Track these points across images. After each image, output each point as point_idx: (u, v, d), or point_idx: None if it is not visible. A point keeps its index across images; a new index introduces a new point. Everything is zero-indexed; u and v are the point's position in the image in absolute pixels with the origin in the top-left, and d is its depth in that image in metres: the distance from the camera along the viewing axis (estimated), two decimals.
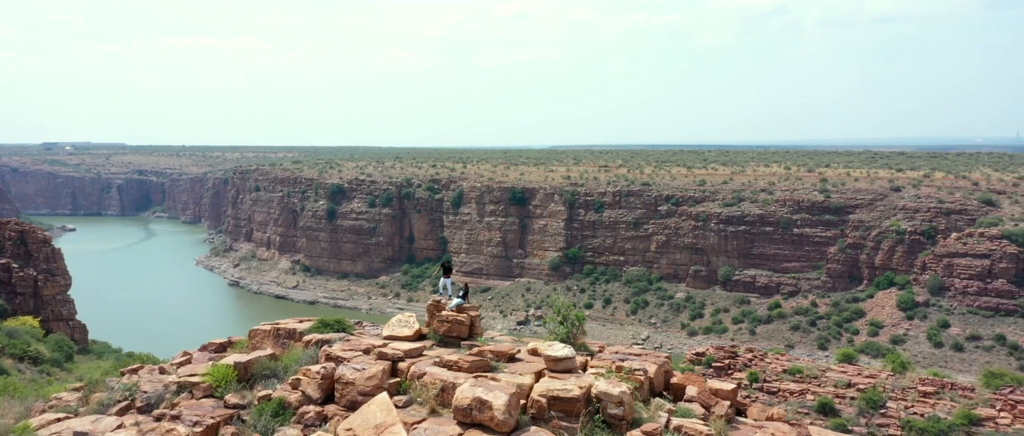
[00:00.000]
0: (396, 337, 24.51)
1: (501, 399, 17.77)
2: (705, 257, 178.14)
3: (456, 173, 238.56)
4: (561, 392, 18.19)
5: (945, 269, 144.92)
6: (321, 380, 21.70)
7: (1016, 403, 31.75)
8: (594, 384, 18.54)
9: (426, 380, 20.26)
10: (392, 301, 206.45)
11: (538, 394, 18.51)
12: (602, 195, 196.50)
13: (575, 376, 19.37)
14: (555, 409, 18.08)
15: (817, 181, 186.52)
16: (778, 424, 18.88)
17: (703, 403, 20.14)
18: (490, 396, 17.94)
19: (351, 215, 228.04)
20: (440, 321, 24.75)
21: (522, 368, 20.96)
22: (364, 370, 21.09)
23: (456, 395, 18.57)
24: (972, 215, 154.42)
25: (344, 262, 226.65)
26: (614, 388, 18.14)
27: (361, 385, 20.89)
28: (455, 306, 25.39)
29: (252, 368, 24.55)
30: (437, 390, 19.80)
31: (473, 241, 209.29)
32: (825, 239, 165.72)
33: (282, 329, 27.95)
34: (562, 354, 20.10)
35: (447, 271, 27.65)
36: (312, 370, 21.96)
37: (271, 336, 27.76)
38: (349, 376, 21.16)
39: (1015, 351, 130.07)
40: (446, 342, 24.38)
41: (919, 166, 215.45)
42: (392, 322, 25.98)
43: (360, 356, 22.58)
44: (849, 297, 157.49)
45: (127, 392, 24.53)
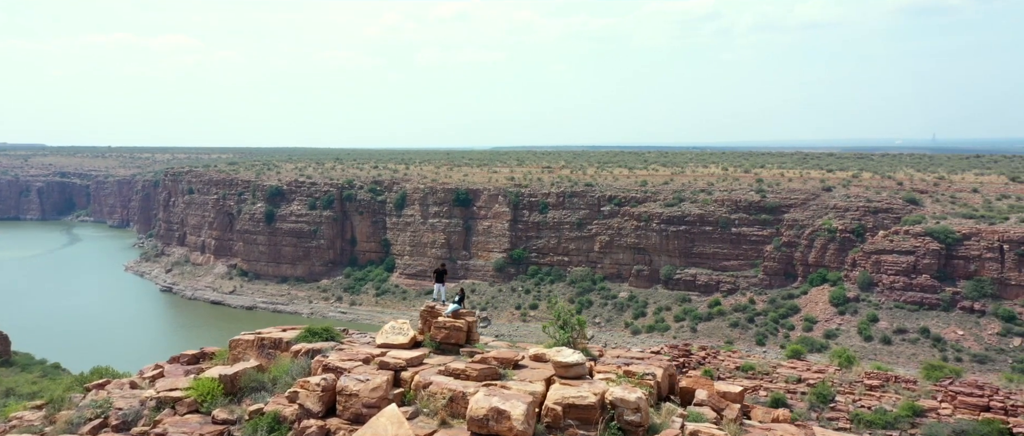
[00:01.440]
0: (391, 345, 23.67)
1: (519, 409, 17.19)
2: (647, 257, 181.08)
3: (399, 174, 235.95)
4: (576, 399, 17.71)
5: (873, 265, 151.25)
6: (322, 392, 20.61)
7: (956, 394, 33.18)
8: (609, 390, 18.14)
9: (432, 390, 19.51)
10: (334, 305, 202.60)
11: (553, 402, 17.99)
12: (546, 196, 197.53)
13: (588, 382, 18.97)
14: (571, 417, 17.60)
15: (753, 182, 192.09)
16: (785, 426, 18.96)
17: (714, 406, 20.03)
18: (507, 405, 17.35)
19: (290, 218, 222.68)
20: (437, 328, 24.05)
21: (530, 375, 20.40)
22: (368, 381, 20.15)
23: (471, 405, 17.89)
24: (897, 213, 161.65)
25: (284, 266, 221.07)
26: (630, 394, 17.77)
27: (365, 397, 19.93)
28: (451, 312, 24.75)
29: (239, 381, 23.23)
30: (446, 400, 19.08)
31: (417, 243, 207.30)
32: (762, 238, 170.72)
33: (266, 339, 26.63)
34: (572, 360, 19.69)
35: (440, 277, 27.08)
36: (311, 382, 20.86)
37: (254, 346, 26.37)
38: (352, 387, 20.18)
39: (938, 343, 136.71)
40: (444, 349, 23.68)
41: (848, 167, 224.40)
42: (385, 329, 25.16)
43: (360, 366, 21.62)
44: (785, 294, 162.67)
45: (98, 409, 22.89)
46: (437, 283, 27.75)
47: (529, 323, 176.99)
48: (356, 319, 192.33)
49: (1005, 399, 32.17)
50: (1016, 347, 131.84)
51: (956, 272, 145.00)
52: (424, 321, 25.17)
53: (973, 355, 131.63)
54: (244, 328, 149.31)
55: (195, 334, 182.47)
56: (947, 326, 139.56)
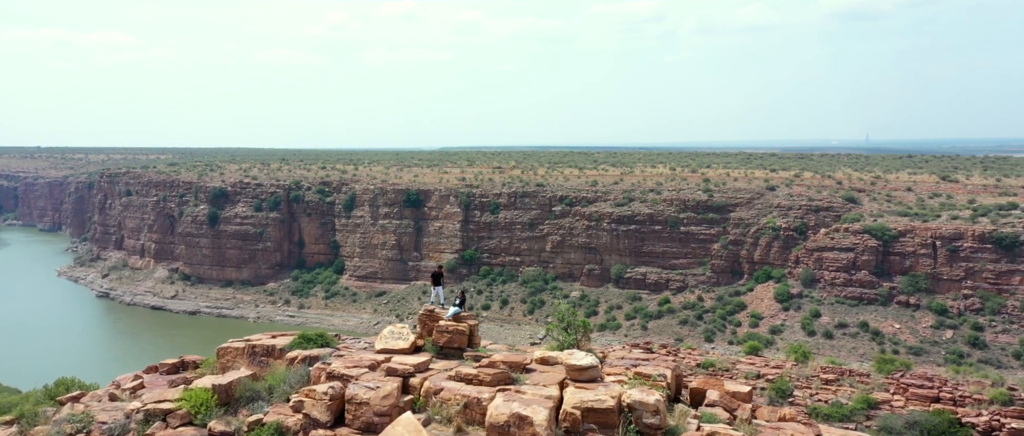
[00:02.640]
0: (392, 350, 22.91)
1: (541, 414, 16.78)
2: (598, 256, 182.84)
3: (347, 175, 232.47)
4: (595, 403, 17.38)
5: (816, 262, 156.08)
6: (330, 401, 19.72)
7: (908, 386, 34.34)
8: (626, 393, 17.86)
9: (444, 396, 18.90)
10: (282, 309, 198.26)
11: (571, 406, 17.63)
12: (497, 196, 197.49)
13: (603, 385, 18.66)
14: (590, 421, 17.28)
15: (700, 181, 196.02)
16: (795, 425, 19.04)
17: (726, 407, 19.99)
18: (528, 411, 16.90)
19: (235, 220, 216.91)
20: (439, 332, 23.40)
21: (542, 378, 19.99)
22: (378, 389, 19.37)
23: (490, 411, 17.34)
24: (837, 212, 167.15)
25: (228, 269, 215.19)
26: (648, 397, 17.55)
27: (376, 405, 19.16)
28: (452, 315, 24.16)
29: (234, 390, 22.02)
30: (460, 406, 18.48)
31: (367, 244, 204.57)
32: (709, 236, 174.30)
33: (258, 346, 25.45)
34: (586, 363, 19.36)
35: (437, 279, 26.49)
36: (317, 390, 19.92)
37: (244, 354, 25.16)
38: (362, 395, 19.36)
39: (877, 336, 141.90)
40: (447, 353, 23.03)
41: (790, 166, 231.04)
42: (384, 334, 24.40)
43: (367, 373, 20.77)
44: (731, 291, 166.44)
45: (79, 424, 21.45)
46: (435, 286, 27.12)
47: (482, 325, 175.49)
48: (305, 323, 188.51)
49: (953, 390, 33.46)
50: (948, 339, 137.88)
51: (893, 268, 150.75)
52: (423, 325, 24.54)
53: (909, 348, 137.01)
54: (188, 334, 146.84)
55: (137, 341, 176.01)
56: (885, 320, 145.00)
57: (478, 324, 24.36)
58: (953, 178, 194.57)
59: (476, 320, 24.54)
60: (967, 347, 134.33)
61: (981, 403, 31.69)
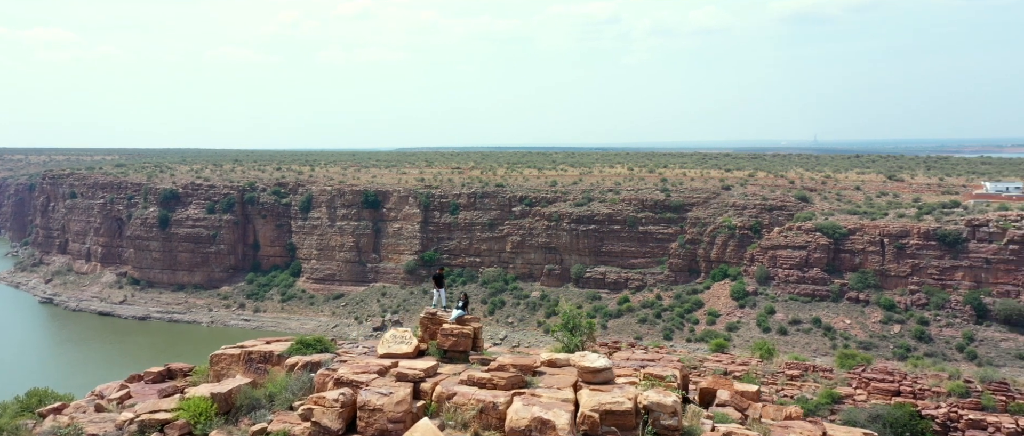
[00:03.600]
0: (395, 355, 22.25)
1: (563, 418, 16.44)
2: (558, 256, 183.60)
3: (304, 176, 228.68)
4: (613, 405, 17.10)
5: (770, 260, 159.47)
6: (341, 408, 19.07)
7: (870, 381, 35.19)
8: (643, 395, 17.65)
9: (458, 401, 18.36)
10: (236, 313, 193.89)
11: (590, 409, 17.32)
12: (457, 197, 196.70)
13: (618, 388, 18.41)
14: (608, 423, 16.99)
15: (658, 181, 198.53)
16: (801, 423, 19.06)
17: (737, 407, 19.91)
18: (550, 415, 16.54)
19: (187, 222, 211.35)
20: (444, 335, 22.83)
21: (555, 381, 19.66)
22: (391, 394, 18.73)
23: (510, 416, 16.90)
24: (790, 210, 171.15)
25: (180, 273, 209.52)
26: (665, 398, 17.37)
27: (390, 411, 18.57)
28: (456, 318, 23.64)
29: (233, 399, 21.03)
30: (475, 411, 17.97)
31: (324, 246, 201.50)
32: (667, 235, 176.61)
33: (254, 353, 24.43)
34: (600, 365, 19.07)
35: (439, 281, 25.94)
36: (327, 398, 19.17)
37: (240, 361, 24.12)
38: (375, 402, 18.74)
39: (829, 332, 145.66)
40: (452, 357, 22.46)
41: (744, 167, 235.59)
42: (386, 338, 23.70)
43: (377, 379, 20.05)
44: (689, 289, 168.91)
45: None
46: (437, 288, 26.56)
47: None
48: (261, 327, 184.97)
49: (913, 383, 34.39)
50: (896, 334, 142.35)
51: (843, 265, 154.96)
52: (424, 328, 23.96)
53: (859, 342, 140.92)
54: (137, 340, 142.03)
55: (84, 349, 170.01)
56: (836, 316, 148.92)
57: (481, 327, 23.94)
58: (899, 177, 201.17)
59: (479, 323, 24.13)
60: (914, 341, 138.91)
61: (939, 396, 32.68)
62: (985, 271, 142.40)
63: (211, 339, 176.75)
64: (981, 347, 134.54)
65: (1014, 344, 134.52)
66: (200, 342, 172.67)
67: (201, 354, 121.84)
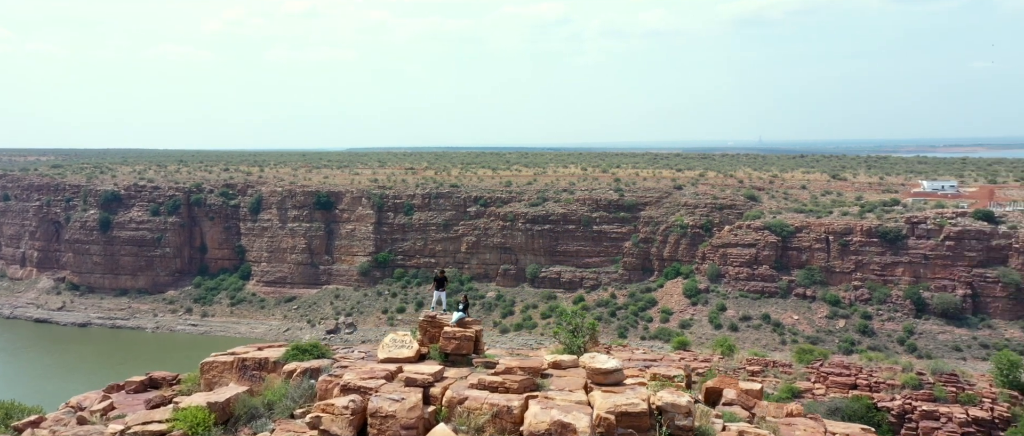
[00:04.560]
0: (396, 359, 21.64)
1: (583, 421, 16.19)
2: (513, 256, 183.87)
3: (253, 177, 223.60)
4: (628, 407, 16.95)
5: (721, 258, 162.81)
6: (351, 415, 18.43)
7: (827, 375, 36.17)
8: (657, 395, 17.54)
9: (469, 405, 17.89)
10: (183, 318, 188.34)
11: (605, 411, 17.12)
12: (411, 197, 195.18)
13: (630, 389, 18.26)
14: (623, 425, 16.81)
15: (611, 181, 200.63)
16: (806, 421, 19.21)
17: (743, 405, 19.96)
18: (570, 418, 16.28)
19: (130, 225, 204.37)
20: (446, 338, 22.30)
21: (565, 383, 19.46)
22: (403, 400, 18.14)
23: (529, 420, 16.55)
24: (740, 209, 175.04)
25: (122, 277, 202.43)
26: (680, 399, 17.32)
27: (403, 418, 18.02)
28: (457, 321, 23.15)
29: (232, 407, 20.07)
30: (489, 415, 17.51)
31: (275, 249, 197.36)
32: (621, 235, 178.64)
33: (248, 360, 23.42)
34: (611, 366, 18.88)
35: (440, 284, 25.46)
36: (337, 405, 18.46)
37: (233, 368, 23.07)
38: (387, 408, 18.18)
39: (778, 327, 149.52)
40: (454, 361, 21.93)
41: (694, 166, 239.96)
42: (386, 343, 23.04)
43: (385, 384, 19.41)
44: (643, 288, 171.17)
45: None
46: (437, 290, 26.10)
47: (397, 327, 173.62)
48: (209, 332, 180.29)
49: (869, 377, 35.48)
50: (841, 328, 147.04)
51: (791, 262, 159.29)
52: (424, 331, 23.44)
53: (807, 337, 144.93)
54: (79, 348, 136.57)
55: (20, 358, 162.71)
56: (785, 312, 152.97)
57: (482, 329, 23.60)
58: (842, 177, 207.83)
59: (481, 326, 23.77)
60: (858, 335, 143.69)
61: (894, 388, 33.80)
62: (923, 267, 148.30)
63: (157, 345, 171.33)
64: (920, 340, 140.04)
65: (950, 336, 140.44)
66: (146, 349, 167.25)
67: (149, 361, 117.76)
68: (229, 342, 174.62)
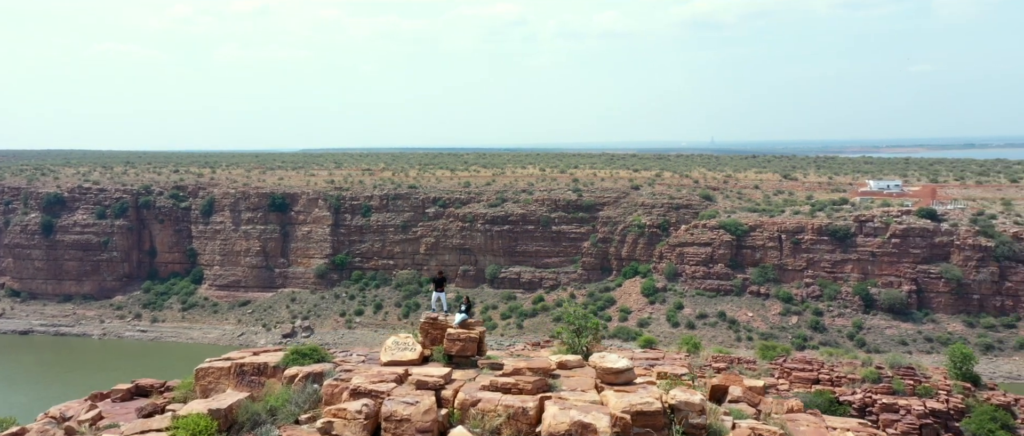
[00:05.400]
0: (400, 362, 21.21)
1: (604, 422, 16.10)
2: (473, 257, 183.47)
3: (204, 179, 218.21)
4: (643, 406, 16.95)
5: (678, 257, 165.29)
6: (365, 419, 18.04)
7: (791, 370, 36.97)
8: (670, 394, 17.51)
9: (484, 407, 17.57)
10: (132, 324, 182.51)
11: (621, 411, 17.07)
12: (368, 199, 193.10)
13: (642, 388, 18.20)
14: (639, 424, 16.79)
15: (570, 181, 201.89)
16: (808, 417, 19.38)
17: (749, 402, 20.05)
18: (590, 418, 16.20)
19: (74, 229, 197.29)
20: (450, 340, 21.92)
21: (576, 383, 19.30)
22: (417, 403, 17.77)
23: (548, 421, 16.38)
24: (696, 209, 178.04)
25: (67, 283, 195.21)
26: (693, 397, 17.36)
27: (418, 421, 17.74)
28: (460, 322, 22.74)
29: (234, 414, 19.27)
30: (504, 417, 17.18)
31: (228, 252, 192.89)
32: (579, 235, 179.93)
33: (247, 365, 22.56)
34: (621, 365, 18.80)
35: (439, 285, 25.02)
36: (349, 409, 17.95)
37: (231, 374, 22.23)
38: (401, 412, 17.84)
39: (733, 325, 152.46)
40: (458, 363, 21.52)
41: (650, 167, 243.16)
42: (388, 346, 22.55)
43: (396, 388, 18.91)
44: (602, 287, 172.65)
45: None
46: (436, 291, 25.66)
47: (355, 330, 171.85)
48: (160, 338, 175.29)
49: (830, 371, 36.40)
50: (794, 325, 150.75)
51: (745, 260, 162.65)
52: (425, 334, 23.02)
53: (761, 334, 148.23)
54: (20, 357, 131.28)
55: None
56: (740, 309, 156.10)
57: (485, 331, 23.31)
58: (793, 176, 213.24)
59: (483, 327, 23.48)
60: (809, 331, 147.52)
61: (855, 382, 34.75)
62: (871, 263, 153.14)
63: (105, 352, 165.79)
64: (869, 335, 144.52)
65: (897, 331, 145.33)
66: (94, 356, 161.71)
67: (99, 369, 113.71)
68: (181, 348, 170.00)
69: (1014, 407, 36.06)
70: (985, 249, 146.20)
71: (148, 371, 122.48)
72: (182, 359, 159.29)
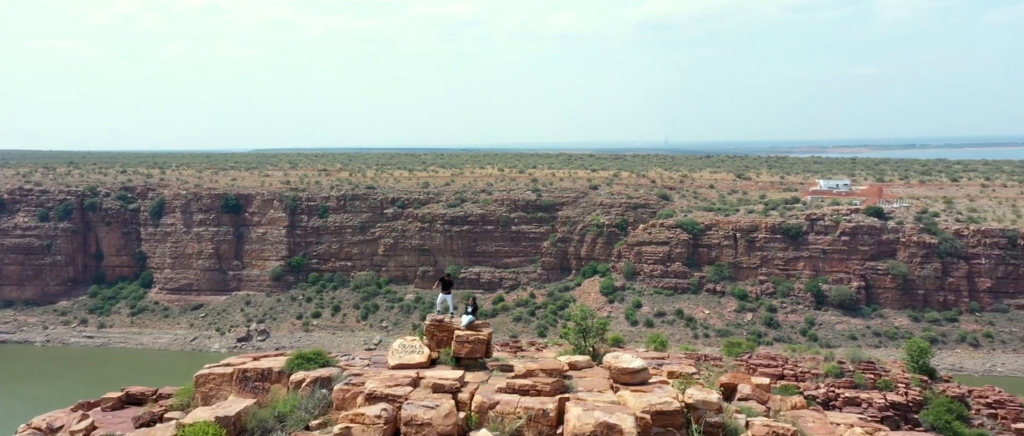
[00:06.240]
0: (408, 365, 20.74)
1: (629, 422, 16.02)
2: (432, 257, 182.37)
3: (153, 179, 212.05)
4: (662, 406, 16.95)
5: (636, 256, 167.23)
6: (384, 424, 17.82)
7: (756, 366, 37.64)
8: (687, 393, 17.45)
9: (502, 409, 17.24)
10: (77, 330, 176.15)
11: (641, 411, 16.90)
12: (325, 200, 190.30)
13: (659, 387, 18.09)
14: (659, 424, 16.74)
15: (529, 181, 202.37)
16: (812, 413, 19.53)
17: (758, 400, 20.14)
18: (614, 419, 16.12)
19: (15, 231, 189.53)
20: (459, 342, 21.49)
21: (591, 384, 19.16)
22: (438, 407, 17.38)
23: (572, 422, 16.23)
24: (653, 209, 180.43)
25: (7, 288, 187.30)
26: (710, 396, 17.34)
27: (439, 425, 17.50)
28: (467, 324, 22.27)
29: (243, 422, 18.48)
30: (525, 419, 16.81)
31: (180, 255, 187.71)
32: (539, 235, 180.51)
33: (250, 371, 21.68)
34: (636, 365, 18.68)
35: (446, 287, 24.50)
36: (368, 414, 17.46)
37: (233, 380, 21.37)
38: (422, 416, 17.52)
39: (690, 322, 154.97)
40: (467, 365, 21.08)
41: (608, 167, 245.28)
42: (395, 349, 21.98)
43: (412, 391, 18.36)
44: (561, 287, 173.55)
45: None
46: (443, 293, 25.13)
47: (313, 333, 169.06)
48: (107, 344, 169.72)
49: (794, 367, 37.21)
50: (749, 321, 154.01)
51: (701, 259, 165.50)
52: (431, 336, 22.55)
53: (717, 331, 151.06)
54: None
55: None
56: (697, 307, 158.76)
57: (491, 332, 22.98)
58: (746, 176, 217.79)
59: (491, 328, 23.14)
60: (764, 327, 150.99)
61: (818, 377, 35.61)
62: (822, 261, 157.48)
63: (49, 360, 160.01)
64: (820, 330, 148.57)
65: (847, 326, 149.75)
66: (37, 364, 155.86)
67: (44, 377, 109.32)
68: (130, 354, 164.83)
69: (968, 398, 37.58)
70: (929, 246, 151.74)
71: (96, 379, 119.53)
72: (132, 365, 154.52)
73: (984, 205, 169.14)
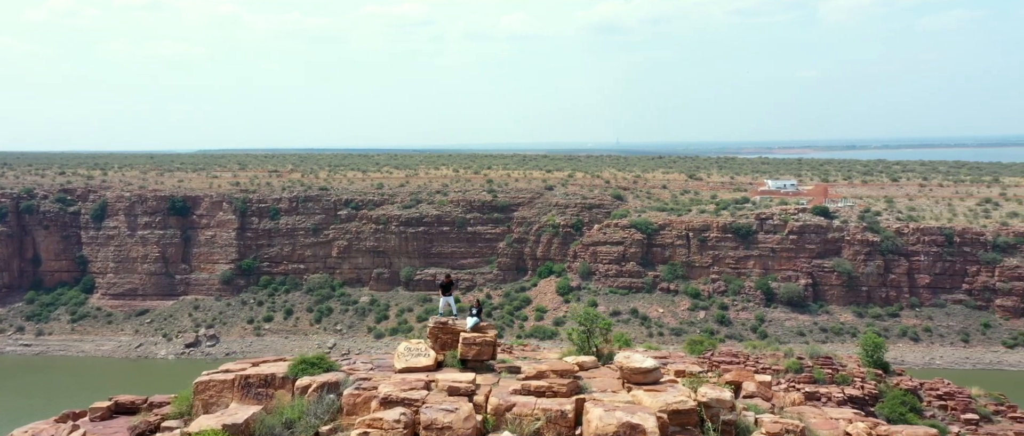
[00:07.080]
0: (414, 368, 20.24)
1: (651, 422, 15.92)
2: (387, 259, 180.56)
3: (95, 181, 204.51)
4: (678, 405, 16.94)
5: (591, 256, 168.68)
6: (403, 429, 17.40)
7: (719, 363, 38.25)
8: (701, 392, 17.38)
9: (519, 411, 16.89)
10: (13, 338, 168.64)
11: (658, 410, 16.72)
12: (277, 201, 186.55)
13: (672, 386, 17.96)
14: (675, 423, 16.72)
15: (484, 182, 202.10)
16: (811, 409, 19.65)
17: (763, 397, 20.17)
18: (637, 419, 16.09)
19: None
20: (466, 345, 21.01)
21: (604, 384, 18.97)
22: (457, 411, 16.94)
23: (593, 423, 16.11)
24: (608, 209, 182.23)
25: None
26: (724, 394, 17.31)
27: (459, 428, 17.25)
28: (473, 326, 21.77)
29: (252, 429, 17.66)
30: (542, 421, 16.45)
31: (124, 259, 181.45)
32: (495, 235, 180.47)
33: (253, 377, 20.69)
34: (648, 365, 18.54)
35: (447, 289, 23.88)
36: (386, 419, 16.96)
37: (234, 387, 20.45)
38: (442, 420, 17.26)
39: (645, 321, 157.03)
40: (474, 367, 20.57)
41: (562, 167, 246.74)
42: (401, 352, 21.36)
43: (428, 395, 17.92)
44: (518, 287, 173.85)
45: None
46: (444, 295, 24.61)
47: (265, 338, 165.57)
48: (46, 351, 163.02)
49: (756, 363, 37.91)
50: (701, 319, 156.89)
51: (655, 258, 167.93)
52: (435, 339, 22.02)
53: (671, 329, 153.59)
54: None
55: None
56: (651, 305, 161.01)
57: (497, 333, 22.59)
58: (698, 177, 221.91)
59: (495, 330, 22.73)
60: (716, 325, 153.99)
61: (779, 373, 36.40)
62: (771, 259, 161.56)
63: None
64: (770, 327, 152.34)
65: (795, 323, 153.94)
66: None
67: None
68: (71, 362, 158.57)
69: (920, 391, 39.00)
70: (872, 244, 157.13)
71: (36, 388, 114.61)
72: (74, 373, 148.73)
73: (922, 204, 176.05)
